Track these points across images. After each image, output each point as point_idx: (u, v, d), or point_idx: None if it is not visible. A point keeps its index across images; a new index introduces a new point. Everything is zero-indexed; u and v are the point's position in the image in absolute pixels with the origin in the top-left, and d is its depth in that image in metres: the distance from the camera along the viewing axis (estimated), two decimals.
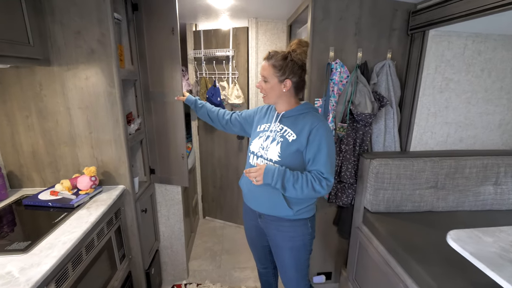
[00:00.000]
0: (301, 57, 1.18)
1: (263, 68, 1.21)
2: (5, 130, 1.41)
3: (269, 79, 1.20)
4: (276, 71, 1.18)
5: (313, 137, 1.16)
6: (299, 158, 1.20)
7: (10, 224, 1.16)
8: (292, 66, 1.18)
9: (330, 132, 1.19)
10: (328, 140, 1.16)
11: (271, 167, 1.17)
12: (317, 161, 1.17)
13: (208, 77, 2.50)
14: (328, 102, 1.61)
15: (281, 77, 1.18)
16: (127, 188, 1.52)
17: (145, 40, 1.63)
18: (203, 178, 2.88)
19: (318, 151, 1.16)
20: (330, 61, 1.61)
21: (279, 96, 1.23)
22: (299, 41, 1.21)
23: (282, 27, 2.30)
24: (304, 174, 1.17)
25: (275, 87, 1.20)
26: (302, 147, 1.18)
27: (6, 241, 1.02)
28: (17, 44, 1.12)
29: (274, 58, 1.17)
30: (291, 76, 1.19)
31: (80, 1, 1.27)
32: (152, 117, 1.75)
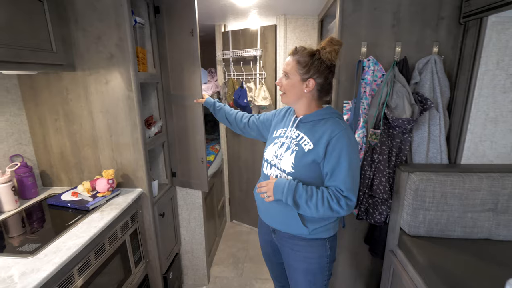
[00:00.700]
0: (330, 56, 1.03)
1: (287, 63, 1.08)
2: (38, 132, 1.50)
3: (290, 75, 1.07)
4: (300, 68, 1.04)
5: (332, 147, 1.00)
6: (315, 170, 1.06)
7: (30, 223, 1.21)
8: (319, 64, 1.03)
9: (353, 143, 1.02)
10: (350, 152, 1.00)
11: (281, 181, 1.05)
12: (336, 176, 1.01)
13: (236, 78, 2.44)
14: (359, 105, 1.42)
15: (304, 75, 1.05)
16: (144, 191, 1.52)
17: (167, 42, 1.61)
18: (230, 180, 2.84)
19: (337, 165, 1.00)
20: (362, 58, 1.41)
21: (298, 96, 1.09)
22: (331, 38, 1.06)
23: (312, 23, 2.13)
24: (320, 190, 1.02)
25: (296, 86, 1.07)
26: (319, 159, 1.03)
27: (21, 241, 1.06)
28: (40, 51, 1.16)
29: (300, 53, 1.05)
30: (316, 76, 1.05)
31: (100, 6, 1.28)
32: (173, 120, 1.74)
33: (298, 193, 1.02)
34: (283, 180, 1.06)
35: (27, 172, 1.40)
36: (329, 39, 1.04)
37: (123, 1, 1.26)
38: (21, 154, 1.45)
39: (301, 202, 1.02)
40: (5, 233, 1.13)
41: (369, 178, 1.41)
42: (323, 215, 1.04)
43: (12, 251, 0.98)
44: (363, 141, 1.40)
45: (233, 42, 2.39)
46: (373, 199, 1.45)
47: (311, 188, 1.03)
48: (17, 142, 1.44)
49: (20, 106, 1.45)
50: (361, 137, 1.40)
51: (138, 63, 1.52)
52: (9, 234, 1.13)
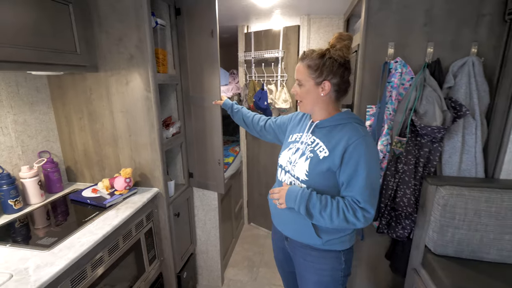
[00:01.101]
0: (342, 53, 0.96)
1: (297, 70, 1.03)
2: (64, 130, 1.58)
3: (304, 82, 1.01)
4: (312, 72, 0.99)
5: (349, 155, 0.94)
6: (331, 179, 0.99)
7: (52, 217, 1.27)
8: (331, 64, 0.97)
9: (372, 151, 0.94)
10: (368, 161, 0.92)
11: (294, 189, 1.00)
12: (353, 186, 0.94)
13: (257, 80, 2.41)
14: (384, 110, 1.32)
15: (317, 79, 0.99)
16: (160, 191, 1.54)
17: (187, 44, 1.62)
18: (249, 183, 2.81)
19: (354, 174, 0.93)
20: (389, 60, 1.31)
21: (316, 101, 1.03)
22: (339, 34, 0.99)
23: (338, 23, 2.04)
24: (335, 200, 0.96)
25: (311, 91, 1.01)
26: (334, 167, 0.96)
27: (41, 233, 1.11)
28: (65, 53, 1.21)
29: (309, 57, 0.99)
30: (330, 77, 0.98)
31: (120, 7, 1.31)
32: (191, 121, 1.75)
33: (312, 202, 0.96)
34: (296, 188, 1.01)
35: (53, 168, 1.48)
36: (337, 35, 0.97)
37: (143, 3, 1.28)
38: (49, 150, 1.54)
39: (315, 212, 0.96)
40: (31, 225, 1.20)
41: (392, 189, 1.30)
42: (338, 226, 0.98)
43: (32, 244, 1.03)
44: (386, 149, 1.31)
45: (255, 43, 2.36)
46: (395, 212, 1.35)
47: (326, 197, 0.97)
48: (46, 139, 1.52)
49: (49, 105, 1.54)
50: (384, 144, 1.30)
51: (158, 64, 1.54)
52: (34, 226, 1.20)
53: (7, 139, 1.33)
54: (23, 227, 1.19)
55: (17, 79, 1.36)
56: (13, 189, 1.26)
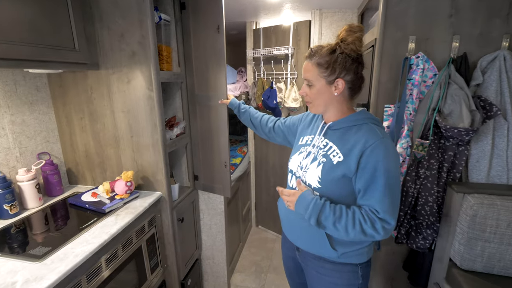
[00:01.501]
0: (354, 47, 0.87)
1: (305, 69, 0.94)
2: (65, 130, 1.52)
3: (314, 81, 0.92)
4: (322, 70, 0.89)
5: (366, 160, 0.84)
6: (346, 186, 0.90)
7: (48, 223, 1.21)
8: (344, 60, 0.87)
9: (392, 154, 0.85)
10: (388, 166, 0.83)
11: (306, 197, 0.91)
12: (370, 194, 0.84)
13: (266, 78, 2.31)
14: (404, 109, 1.22)
15: (329, 77, 0.89)
16: (163, 195, 1.46)
17: (192, 40, 1.54)
18: (257, 184, 2.73)
19: (372, 181, 0.84)
20: (409, 55, 1.20)
21: (328, 102, 0.94)
22: (349, 26, 0.90)
23: (351, 17, 1.93)
24: (350, 210, 0.86)
25: (323, 91, 0.92)
26: (350, 173, 0.87)
27: (36, 241, 1.05)
28: (63, 49, 1.15)
29: (317, 54, 0.89)
30: (344, 74, 0.89)
31: (122, 1, 1.24)
32: (197, 121, 1.67)
33: (325, 214, 0.87)
34: (310, 195, 0.91)
35: (52, 170, 1.42)
36: (347, 28, 0.88)
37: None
38: (49, 151, 1.48)
39: (328, 223, 0.87)
40: (27, 231, 1.14)
41: (412, 196, 1.20)
42: (354, 238, 0.88)
43: (23, 254, 0.96)
44: (406, 152, 1.20)
45: (264, 40, 2.27)
46: (416, 220, 1.23)
47: (340, 208, 0.87)
48: (45, 140, 1.47)
49: (49, 105, 1.48)
50: (404, 147, 1.19)
51: (162, 61, 1.46)
52: (29, 232, 1.14)
53: (3, 140, 1.27)
54: (19, 233, 1.13)
55: (15, 77, 1.31)
56: (8, 193, 1.20)
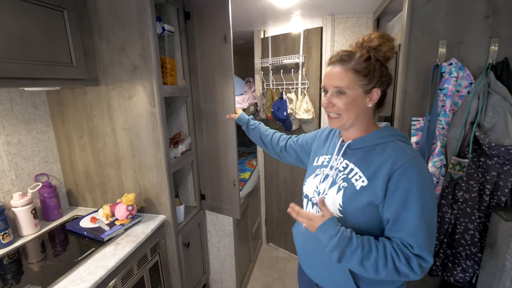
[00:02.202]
0: (391, 55, 0.78)
1: (338, 76, 0.78)
2: (64, 149, 1.43)
3: (349, 90, 0.77)
4: (360, 78, 0.76)
5: (395, 184, 0.71)
6: (373, 215, 0.77)
7: (44, 252, 1.10)
8: (380, 68, 0.78)
9: (426, 177, 0.72)
10: (422, 191, 0.70)
11: (331, 225, 0.77)
12: (401, 225, 0.71)
13: (275, 88, 2.20)
14: (435, 123, 1.07)
15: (367, 86, 0.77)
16: (168, 219, 1.35)
17: (197, 51, 1.45)
18: (267, 199, 2.59)
19: (403, 209, 0.71)
20: (440, 62, 1.07)
21: (359, 114, 0.80)
22: (381, 35, 0.78)
23: (366, 22, 1.81)
24: (381, 244, 0.73)
25: (358, 101, 0.78)
26: (377, 200, 0.74)
27: (24, 280, 0.94)
28: (59, 65, 1.06)
29: (353, 60, 0.76)
30: (380, 83, 0.78)
31: (122, 13, 1.16)
32: (203, 137, 1.56)
33: (351, 248, 0.73)
34: (335, 226, 0.77)
35: (50, 193, 1.33)
36: (380, 35, 0.77)
37: (145, 6, 1.12)
38: (48, 172, 1.39)
39: (353, 261, 0.73)
40: (22, 260, 1.06)
41: (449, 223, 1.04)
42: (386, 278, 0.73)
43: None
44: (440, 172, 1.05)
45: (272, 49, 2.17)
46: (453, 250, 1.08)
47: (369, 241, 0.74)
48: (44, 160, 1.38)
49: (48, 123, 1.40)
50: (438, 166, 1.05)
51: (166, 74, 1.37)
52: (22, 264, 1.04)
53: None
54: (12, 264, 1.04)
55: (11, 96, 1.23)
56: (1, 221, 1.11)
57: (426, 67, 1.09)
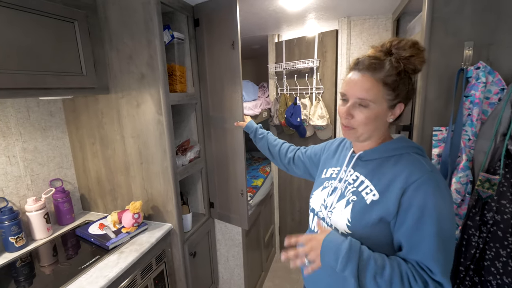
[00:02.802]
0: (419, 69, 0.71)
1: (363, 86, 0.69)
2: (78, 155, 1.47)
3: (374, 103, 0.68)
4: (389, 92, 0.68)
5: (409, 200, 0.64)
6: (384, 233, 0.69)
7: (51, 259, 1.12)
8: (408, 81, 0.70)
9: (444, 194, 0.65)
10: (439, 209, 0.62)
11: (335, 239, 0.69)
12: (416, 245, 0.64)
13: (289, 93, 2.14)
14: (460, 133, 0.97)
15: (393, 101, 0.70)
16: (174, 227, 1.33)
17: (206, 58, 1.43)
18: (281, 207, 2.52)
19: (418, 228, 0.63)
20: (466, 66, 0.96)
21: (379, 129, 0.73)
22: (414, 43, 0.69)
23: (385, 23, 1.70)
24: (394, 261, 0.65)
25: (381, 116, 0.70)
26: (388, 216, 0.67)
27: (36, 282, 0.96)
28: (66, 75, 1.08)
29: (384, 70, 0.68)
30: (405, 98, 0.71)
31: (131, 22, 1.17)
32: (212, 145, 1.54)
33: (363, 259, 0.64)
34: (337, 237, 0.69)
35: (63, 198, 1.36)
36: (412, 44, 0.68)
37: (152, 15, 1.12)
38: (62, 177, 1.43)
39: (367, 275, 0.64)
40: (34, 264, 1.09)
41: (476, 247, 0.92)
42: None
43: None
44: (466, 189, 0.94)
45: (286, 53, 2.11)
46: (482, 277, 0.95)
47: (381, 255, 0.66)
48: (59, 166, 1.42)
49: (64, 130, 1.44)
50: (463, 183, 0.94)
51: (175, 82, 1.37)
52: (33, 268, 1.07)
53: (14, 169, 1.23)
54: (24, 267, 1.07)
55: (28, 104, 1.28)
56: (14, 225, 1.14)
57: (450, 71, 0.99)
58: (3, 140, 1.19)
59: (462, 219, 0.95)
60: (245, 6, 1.48)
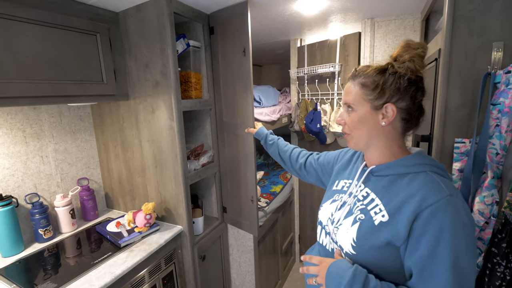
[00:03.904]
0: (413, 66, 0.65)
1: (346, 91, 0.73)
2: (103, 157, 1.58)
3: (355, 105, 0.70)
4: (368, 92, 0.68)
5: (423, 226, 0.58)
6: (392, 258, 0.63)
7: (74, 252, 1.22)
8: (397, 81, 0.65)
9: (465, 222, 0.57)
10: (457, 238, 0.56)
11: (340, 266, 0.67)
12: (429, 280, 0.57)
13: (310, 99, 2.08)
14: (485, 147, 0.85)
15: (376, 101, 0.67)
16: (184, 230, 1.37)
17: (220, 65, 1.45)
18: (301, 215, 2.45)
19: (431, 258, 0.57)
20: (494, 70, 0.85)
21: (373, 134, 0.70)
22: (406, 43, 0.67)
23: (413, 24, 1.58)
24: None
25: (366, 119, 0.69)
26: (398, 241, 0.61)
27: (48, 275, 1.04)
28: (88, 83, 1.18)
29: (362, 73, 0.69)
30: (396, 98, 0.66)
31: (147, 33, 1.23)
32: (225, 150, 1.56)
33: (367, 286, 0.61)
34: (344, 263, 0.66)
35: (88, 196, 1.48)
36: (404, 44, 0.67)
37: (166, 25, 1.17)
38: (89, 177, 1.56)
39: None
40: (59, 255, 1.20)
41: (502, 278, 0.80)
42: None
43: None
44: (491, 211, 0.82)
45: (308, 58, 2.06)
46: None
47: (388, 285, 0.61)
48: (86, 166, 1.55)
49: (91, 133, 1.57)
50: (487, 203, 0.82)
51: (190, 88, 1.41)
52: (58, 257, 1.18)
53: (46, 168, 1.37)
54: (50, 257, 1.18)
55: (60, 109, 1.42)
56: (43, 218, 1.27)
57: (475, 76, 0.88)
58: (38, 142, 1.33)
59: (486, 245, 0.83)
60: (261, 13, 1.48)
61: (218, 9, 1.37)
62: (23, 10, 0.95)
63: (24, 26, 0.96)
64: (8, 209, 1.16)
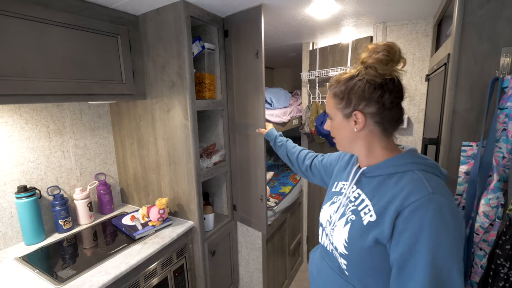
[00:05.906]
0: (374, 71, 0.65)
1: (326, 101, 0.80)
2: (120, 154, 1.66)
3: (332, 115, 0.77)
4: (338, 101, 0.73)
5: (404, 223, 0.59)
6: (382, 257, 0.65)
7: (91, 242, 1.29)
8: (362, 87, 0.67)
9: (446, 220, 0.57)
10: (436, 235, 0.56)
11: None
12: (408, 274, 0.58)
13: (320, 101, 2.11)
14: (492, 150, 0.86)
15: (345, 109, 0.71)
16: (195, 225, 1.42)
17: (233, 66, 1.50)
18: (309, 217, 2.47)
19: (410, 255, 0.58)
20: (502, 75, 0.86)
21: (351, 139, 0.74)
22: (373, 47, 0.67)
23: (425, 28, 1.59)
24: None
25: (342, 127, 0.74)
26: (384, 238, 0.63)
27: (67, 263, 1.11)
28: (111, 82, 1.25)
29: (336, 83, 0.74)
30: (363, 105, 0.68)
31: (165, 35, 1.29)
32: (236, 150, 1.60)
33: None
34: None
35: (104, 190, 1.55)
36: (371, 48, 0.67)
37: (182, 28, 1.23)
38: (106, 172, 1.63)
39: None
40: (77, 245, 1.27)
41: (505, 279, 0.81)
42: None
43: (52, 275, 1.02)
44: (496, 213, 0.83)
45: (320, 61, 2.09)
46: None
47: None
48: (103, 162, 1.62)
49: (109, 130, 1.65)
50: (493, 206, 0.83)
51: (204, 89, 1.47)
52: (76, 247, 1.25)
53: (67, 162, 1.45)
54: (69, 247, 1.25)
55: (81, 107, 1.50)
56: (63, 210, 1.34)
57: (483, 80, 0.89)
58: (60, 137, 1.41)
59: (490, 246, 0.84)
60: (274, 16, 1.52)
61: (233, 13, 1.42)
62: (52, 13, 1.03)
63: (52, 28, 1.04)
64: (32, 200, 1.24)
